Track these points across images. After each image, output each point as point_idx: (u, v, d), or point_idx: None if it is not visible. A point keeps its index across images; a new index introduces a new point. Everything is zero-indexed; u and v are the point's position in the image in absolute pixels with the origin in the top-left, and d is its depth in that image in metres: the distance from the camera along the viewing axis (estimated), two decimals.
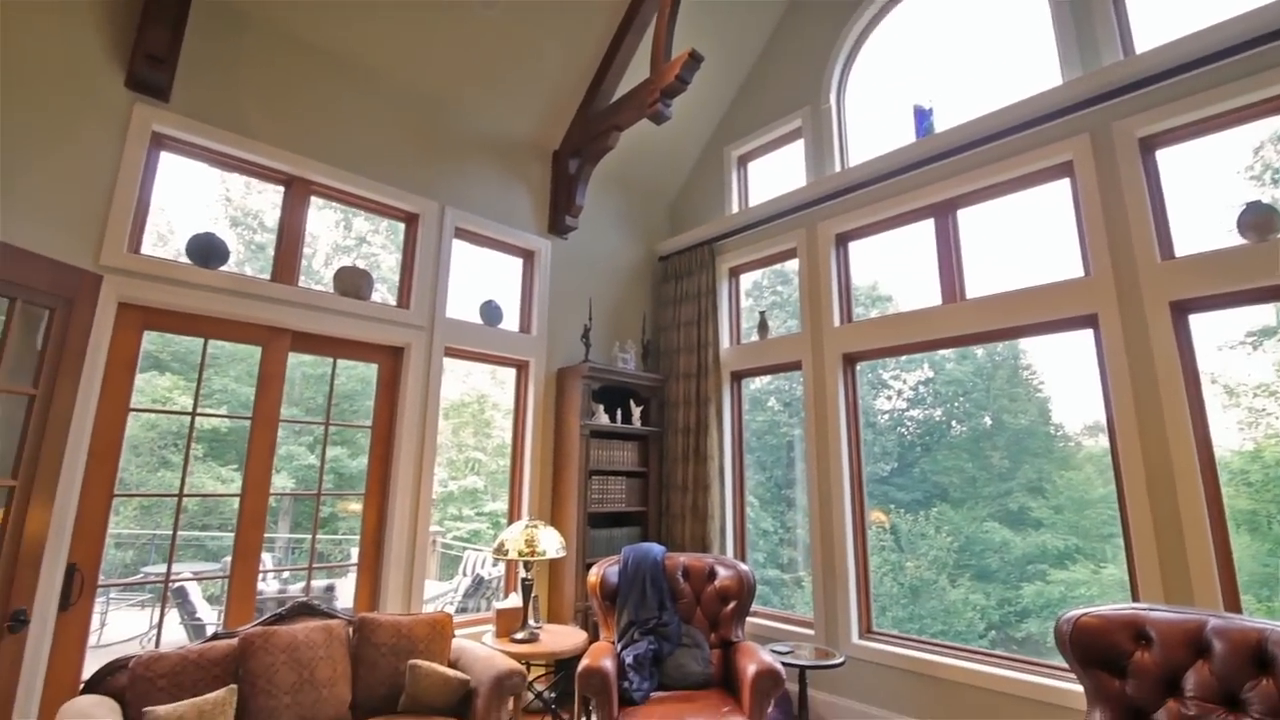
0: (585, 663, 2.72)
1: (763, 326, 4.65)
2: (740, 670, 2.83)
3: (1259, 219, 2.67)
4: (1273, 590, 4.32)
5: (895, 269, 5.30)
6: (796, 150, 4.72)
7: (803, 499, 5.40)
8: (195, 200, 9.23)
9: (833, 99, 4.49)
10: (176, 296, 3.02)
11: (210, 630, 3.89)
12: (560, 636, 3.34)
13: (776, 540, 7.01)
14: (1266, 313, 4.52)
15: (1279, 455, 4.72)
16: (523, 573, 3.41)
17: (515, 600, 3.45)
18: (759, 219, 4.64)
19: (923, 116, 3.88)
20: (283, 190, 3.55)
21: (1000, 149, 3.48)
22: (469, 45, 3.99)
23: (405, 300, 3.90)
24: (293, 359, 3.45)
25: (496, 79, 4.20)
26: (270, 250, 3.52)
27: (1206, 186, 3.19)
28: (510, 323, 4.44)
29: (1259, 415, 4.95)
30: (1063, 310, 3.17)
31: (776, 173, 4.95)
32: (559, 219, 4.62)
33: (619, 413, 4.58)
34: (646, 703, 2.78)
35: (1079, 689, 2.74)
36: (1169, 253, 2.92)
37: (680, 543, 4.44)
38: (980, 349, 6.69)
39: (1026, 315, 3.29)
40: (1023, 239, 4.21)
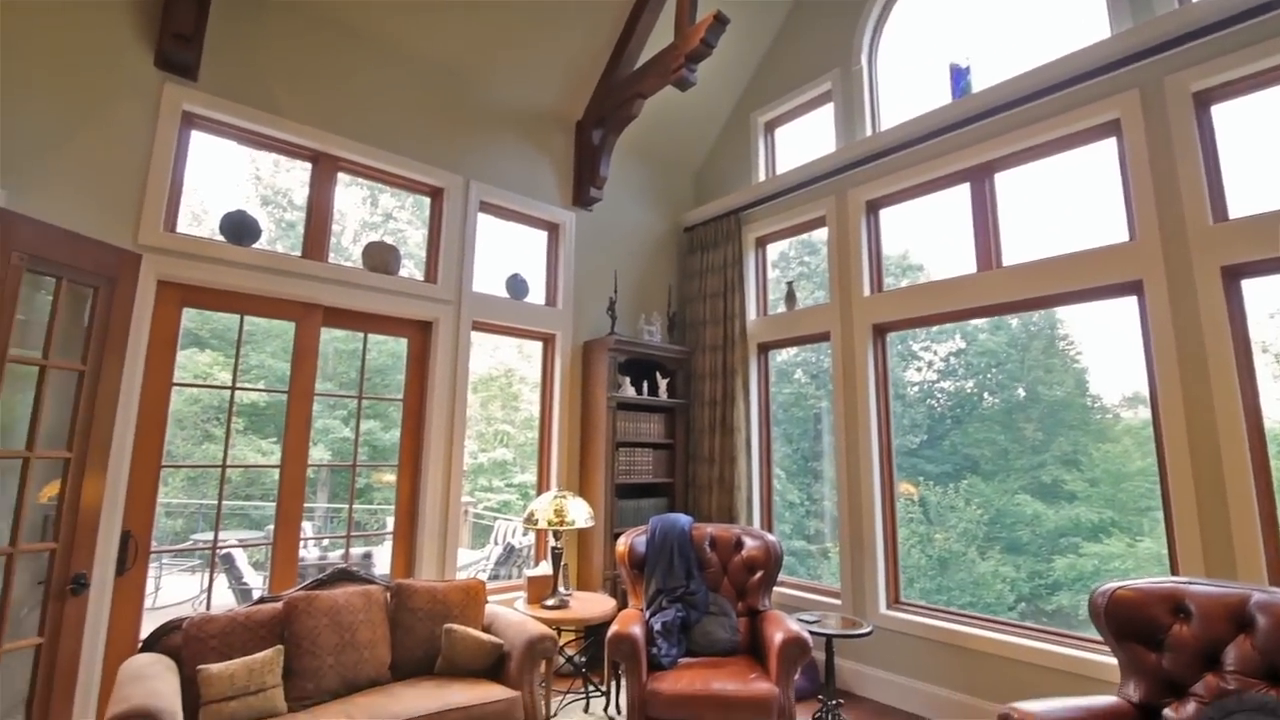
0: (615, 629, 2.78)
1: (790, 297, 4.58)
2: (767, 638, 2.87)
3: None
4: None
5: (927, 237, 5.15)
6: (826, 115, 4.58)
7: (830, 471, 5.38)
8: (227, 180, 9.38)
9: (864, 60, 4.33)
10: (212, 274, 3.09)
11: (256, 594, 4.07)
12: (590, 603, 3.42)
13: (803, 512, 7.02)
14: None
15: None
16: (552, 541, 3.48)
17: (545, 568, 3.53)
18: (787, 187, 4.54)
19: (959, 76, 3.72)
20: (310, 167, 3.58)
21: (1042, 108, 3.33)
22: (490, 14, 3.93)
23: (432, 275, 3.94)
24: (325, 334, 3.52)
25: (518, 48, 4.14)
26: (300, 228, 3.57)
27: (1265, 144, 3.01)
28: (536, 296, 4.46)
29: None
30: (1105, 277, 3.05)
31: (805, 139, 4.82)
32: (583, 191, 4.59)
33: (645, 385, 4.59)
34: (674, 668, 2.84)
35: (1111, 661, 2.71)
36: (1222, 215, 2.78)
37: (707, 514, 4.47)
38: (1015, 319, 6.50)
39: (1066, 283, 3.17)
40: (1062, 203, 4.04)
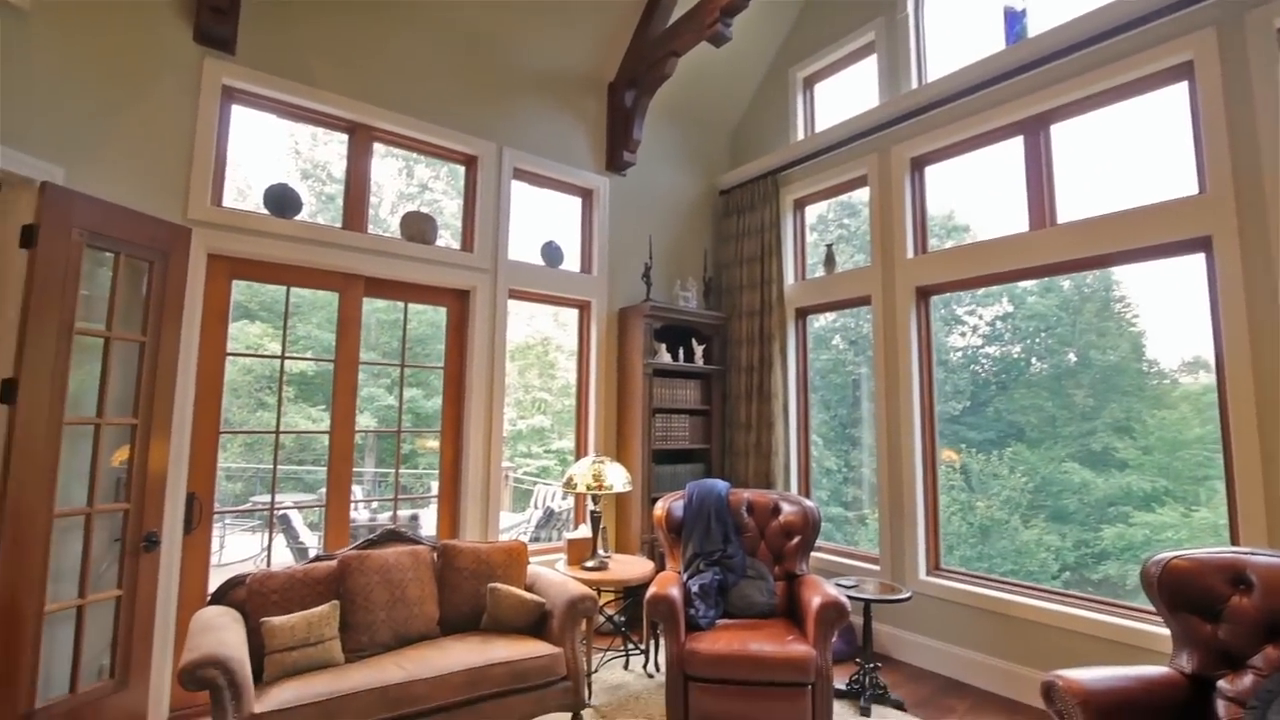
0: (653, 590, 2.84)
1: (829, 260, 4.47)
2: (804, 602, 2.88)
3: None
4: None
5: (974, 196, 4.92)
6: (869, 68, 4.37)
7: (868, 438, 5.31)
8: (268, 155, 9.56)
9: (910, 6, 4.10)
10: (258, 246, 3.18)
11: (312, 553, 4.28)
12: (628, 565, 3.49)
13: (840, 479, 6.97)
14: None
15: None
16: (591, 505, 3.54)
17: (585, 531, 3.60)
18: (826, 145, 4.38)
19: (1014, 19, 3.50)
20: (346, 139, 3.61)
21: (1105, 51, 3.10)
22: None
23: (469, 244, 3.97)
24: (367, 305, 3.60)
25: (548, 9, 4.05)
26: (339, 201, 3.63)
27: None
28: (571, 263, 4.45)
29: None
30: (1169, 233, 2.87)
31: (846, 95, 4.62)
32: (616, 155, 4.52)
33: (681, 351, 4.57)
34: (712, 629, 2.89)
35: (1160, 631, 2.65)
36: None
37: (743, 479, 4.48)
38: (1068, 280, 6.22)
39: (1126, 240, 3.00)
40: (1122, 156, 3.80)
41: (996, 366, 7.06)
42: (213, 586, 2.75)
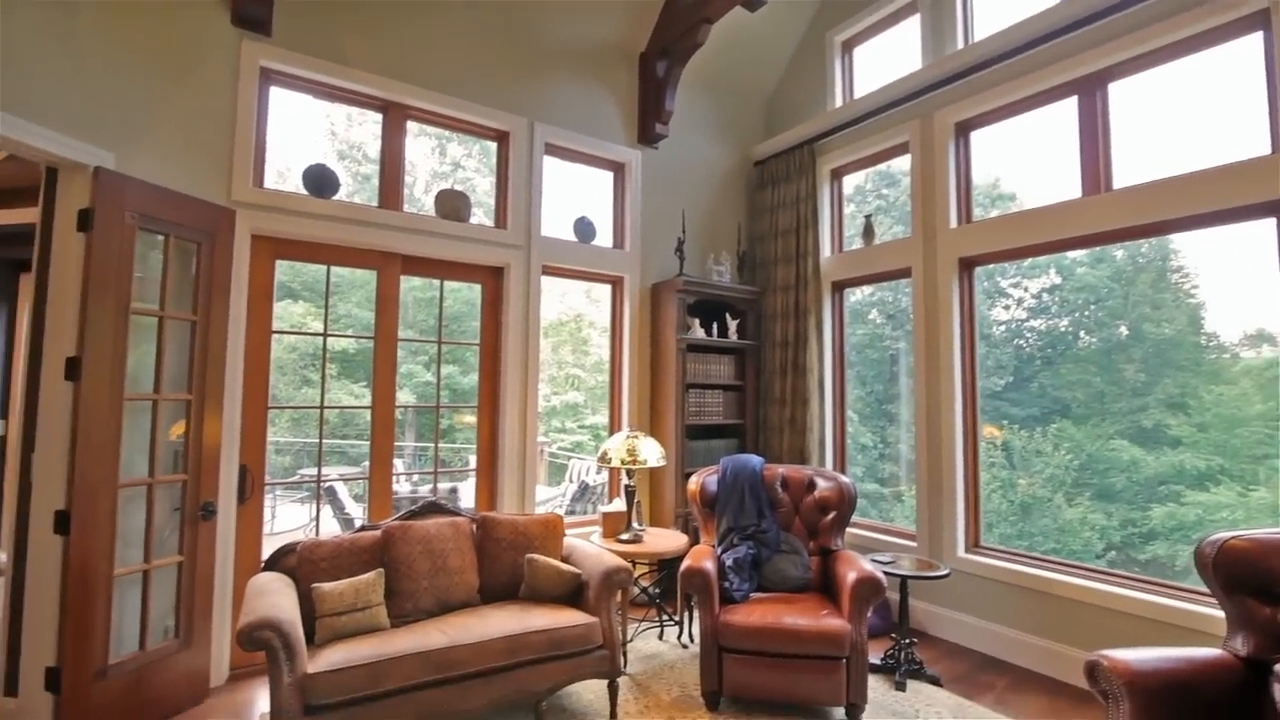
0: (688, 563, 2.87)
1: (868, 231, 4.35)
2: (839, 577, 2.87)
3: None
4: None
5: (1022, 162, 4.70)
6: (910, 28, 4.19)
7: (906, 414, 5.21)
8: (305, 137, 9.73)
9: None
10: (298, 226, 3.25)
11: (358, 523, 4.44)
12: (662, 539, 3.53)
13: (876, 455, 6.88)
14: None
15: None
16: (625, 479, 3.58)
17: (619, 504, 3.65)
18: (866, 111, 4.23)
19: None
20: (380, 118, 3.64)
21: (1171, 2, 2.90)
22: None
23: (502, 220, 3.98)
24: (404, 284, 3.66)
25: None
26: (375, 181, 3.68)
27: None
28: (603, 239, 4.44)
29: None
30: (1237, 197, 2.70)
31: (886, 58, 4.44)
32: (648, 127, 4.45)
33: (715, 327, 4.54)
34: (746, 602, 2.91)
35: (1214, 613, 2.56)
36: None
37: (777, 455, 4.46)
38: (1121, 249, 5.93)
39: (1188, 205, 2.84)
40: (1186, 115, 3.57)
41: (1042, 341, 6.82)
42: (265, 554, 2.89)
